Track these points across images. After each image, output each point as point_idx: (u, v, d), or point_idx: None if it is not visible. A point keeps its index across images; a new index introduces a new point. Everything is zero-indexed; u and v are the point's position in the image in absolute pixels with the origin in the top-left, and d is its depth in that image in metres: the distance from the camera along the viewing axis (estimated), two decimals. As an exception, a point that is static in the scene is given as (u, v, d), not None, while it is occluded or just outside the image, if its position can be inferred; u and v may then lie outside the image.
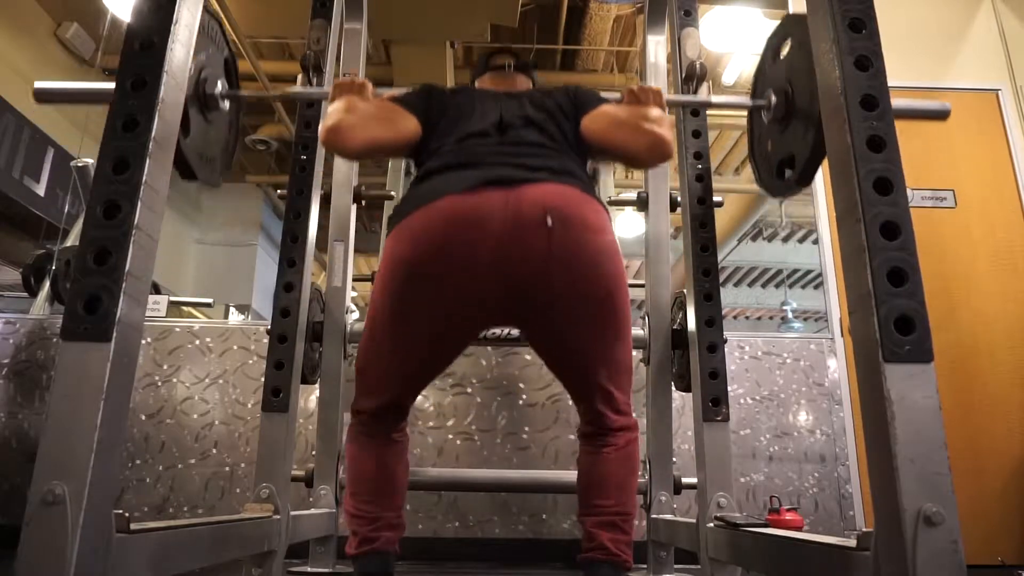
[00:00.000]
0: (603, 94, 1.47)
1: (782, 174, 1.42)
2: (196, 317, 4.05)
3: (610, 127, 1.36)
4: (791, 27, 1.39)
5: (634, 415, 1.37)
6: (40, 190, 4.38)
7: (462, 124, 1.37)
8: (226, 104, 1.38)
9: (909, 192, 0.91)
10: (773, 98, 1.42)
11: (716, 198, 1.81)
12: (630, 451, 1.33)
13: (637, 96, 1.39)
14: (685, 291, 1.81)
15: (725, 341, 1.67)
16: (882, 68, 0.95)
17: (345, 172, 2.27)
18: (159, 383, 2.64)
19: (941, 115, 1.35)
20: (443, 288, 1.21)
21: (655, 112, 1.34)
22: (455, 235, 1.17)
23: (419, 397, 1.75)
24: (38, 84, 1.19)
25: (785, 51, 1.43)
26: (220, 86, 1.34)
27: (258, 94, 1.35)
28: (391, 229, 1.28)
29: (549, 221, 1.16)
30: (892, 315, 0.84)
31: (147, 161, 0.91)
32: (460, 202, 1.19)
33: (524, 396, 2.65)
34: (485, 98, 1.45)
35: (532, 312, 1.27)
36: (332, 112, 1.31)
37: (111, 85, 0.97)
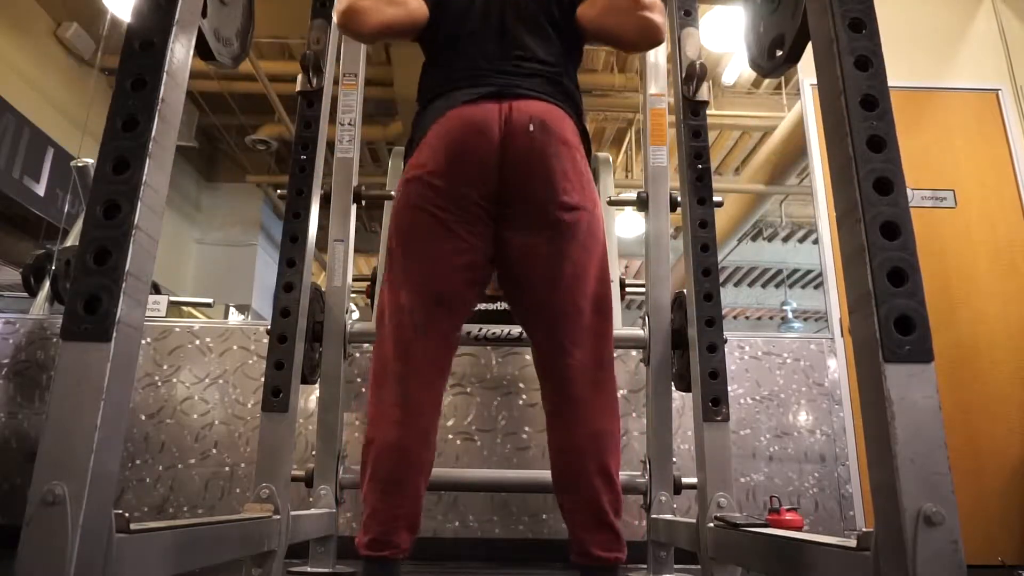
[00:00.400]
0: None
1: (773, 54, 1.42)
2: (196, 317, 4.05)
3: (604, 12, 1.43)
4: None
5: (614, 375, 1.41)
6: (40, 190, 4.38)
7: (467, 17, 1.46)
8: None
9: (909, 192, 0.91)
10: None
11: (716, 198, 1.81)
12: (613, 407, 1.40)
13: None
14: (685, 291, 1.81)
15: (725, 341, 1.67)
16: (882, 68, 0.95)
17: (345, 172, 2.28)
18: (159, 383, 2.64)
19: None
20: (456, 181, 1.33)
21: None
22: (466, 135, 1.33)
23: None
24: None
25: None
26: None
27: None
28: (409, 152, 1.42)
29: (531, 127, 1.33)
30: (892, 315, 0.84)
31: (147, 161, 0.91)
32: (466, 111, 1.35)
33: (524, 396, 2.65)
34: None
35: (512, 217, 1.36)
36: None
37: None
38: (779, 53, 1.40)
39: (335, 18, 1.39)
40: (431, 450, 1.36)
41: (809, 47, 1.09)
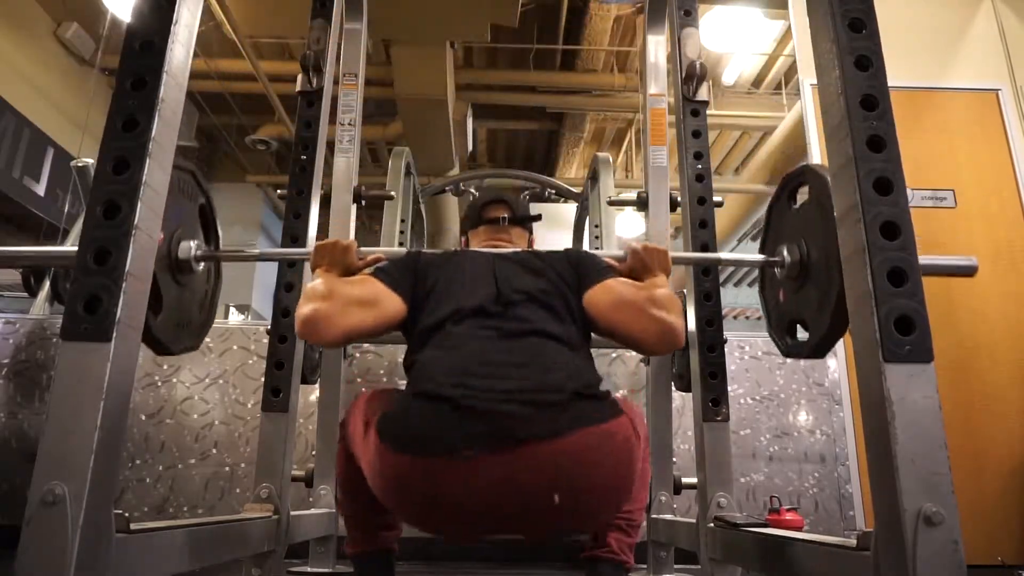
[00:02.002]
0: (606, 258, 1.40)
1: (793, 332, 1.37)
2: (196, 317, 4.05)
3: (616, 309, 1.25)
4: (810, 177, 1.32)
5: (646, 442, 1.35)
6: (40, 190, 4.38)
7: (453, 302, 1.24)
8: (201, 266, 1.32)
9: (909, 192, 0.91)
10: (787, 257, 1.37)
11: (716, 198, 1.81)
12: (644, 468, 1.34)
13: (642, 259, 1.34)
14: (685, 291, 1.81)
15: (725, 341, 1.67)
16: (882, 68, 0.95)
17: (345, 172, 2.27)
18: (159, 383, 2.64)
19: (967, 272, 1.21)
20: (435, 525, 1.13)
21: (661, 291, 1.25)
22: (448, 501, 1.03)
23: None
24: None
25: (801, 201, 1.38)
26: (194, 248, 1.28)
27: (233, 253, 1.24)
28: (378, 438, 1.09)
29: (556, 499, 1.00)
30: (892, 315, 0.84)
31: (147, 161, 0.91)
32: (452, 471, 1.01)
33: (524, 396, 2.65)
34: (477, 265, 1.33)
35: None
36: (308, 296, 1.21)
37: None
38: (797, 334, 1.34)
39: (296, 327, 1.20)
40: None
41: (808, 44, 1.09)
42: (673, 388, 2.10)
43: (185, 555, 1.04)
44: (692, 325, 1.70)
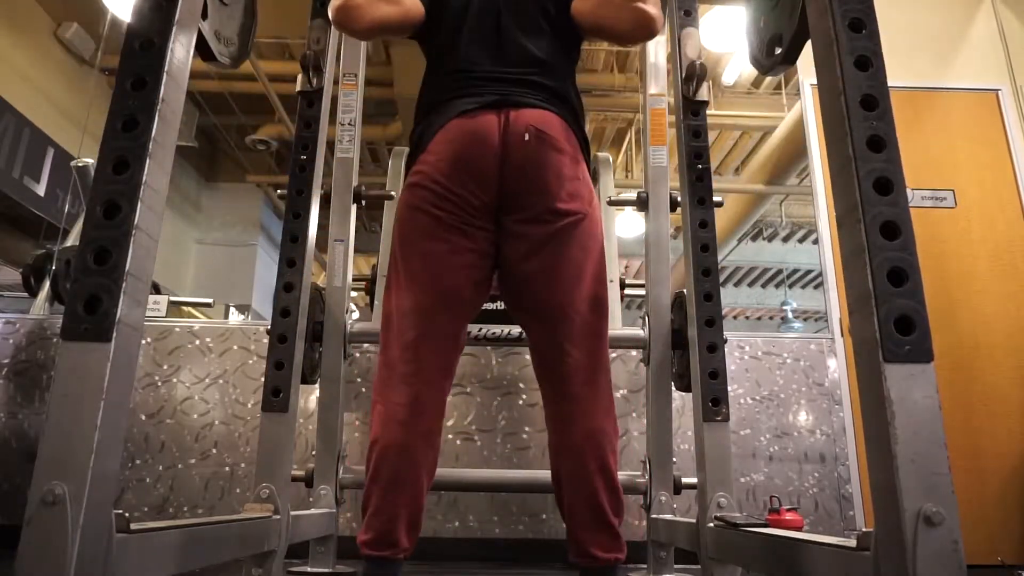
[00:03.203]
0: None
1: (772, 52, 1.41)
2: (196, 317, 4.05)
3: (598, 6, 1.42)
4: None
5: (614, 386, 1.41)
6: (40, 190, 4.38)
7: (463, 14, 1.46)
8: None
9: (909, 192, 0.91)
10: None
11: (716, 198, 1.81)
12: (606, 388, 1.41)
13: None
14: (685, 291, 1.81)
15: (725, 341, 1.67)
16: (882, 68, 0.95)
17: (345, 172, 2.28)
18: (159, 383, 2.64)
19: None
20: (458, 186, 1.35)
21: None
22: (468, 144, 1.36)
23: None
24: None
25: None
26: None
27: None
28: (411, 161, 1.43)
29: (527, 136, 1.35)
30: (892, 315, 0.84)
31: (147, 161, 0.91)
32: (467, 123, 1.37)
33: (524, 396, 2.65)
34: None
35: (511, 220, 1.38)
36: None
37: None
38: (778, 51, 1.40)
39: (330, 15, 1.40)
40: (435, 450, 1.36)
41: (809, 47, 1.09)
42: (673, 388, 2.10)
43: (185, 555, 1.04)
44: (692, 325, 1.70)
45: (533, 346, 1.46)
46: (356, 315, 2.26)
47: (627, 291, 2.85)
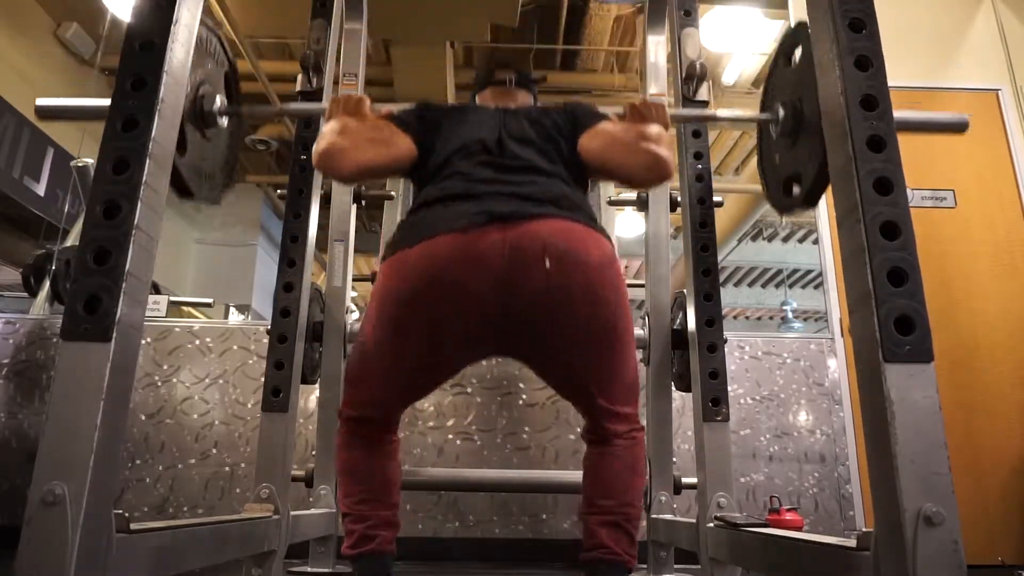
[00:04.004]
0: (606, 110, 1.44)
1: (789, 190, 1.38)
2: (196, 317, 4.05)
3: (607, 146, 1.33)
4: (802, 36, 1.34)
5: (641, 420, 1.36)
6: (40, 190, 4.38)
7: (458, 141, 1.34)
8: (225, 120, 1.36)
9: (909, 192, 0.91)
10: (781, 112, 1.38)
11: (716, 198, 1.81)
12: (636, 453, 1.33)
13: (639, 111, 1.35)
14: (685, 291, 1.81)
15: (725, 341, 1.67)
16: (882, 68, 0.95)
17: (345, 172, 2.27)
18: (159, 383, 2.64)
19: (957, 127, 1.31)
20: (438, 325, 1.21)
21: (654, 129, 1.29)
22: (455, 272, 1.16)
23: (419, 397, 1.74)
24: (40, 101, 1.17)
25: (796, 60, 1.39)
26: (219, 102, 1.31)
27: (257, 109, 1.30)
28: (385, 258, 1.26)
29: (547, 263, 1.14)
30: (892, 315, 0.84)
31: (147, 161, 0.91)
32: (458, 241, 1.16)
33: (524, 396, 2.65)
34: (482, 114, 1.43)
35: (529, 348, 1.29)
36: (325, 134, 1.29)
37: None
38: (795, 190, 1.35)
39: (313, 160, 1.29)
40: (395, 450, 1.37)
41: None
42: (673, 388, 2.10)
43: (185, 555, 1.04)
44: (692, 325, 1.70)
45: (559, 392, 1.41)
46: (356, 315, 2.26)
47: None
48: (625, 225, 5.53)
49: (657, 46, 2.28)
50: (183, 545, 1.04)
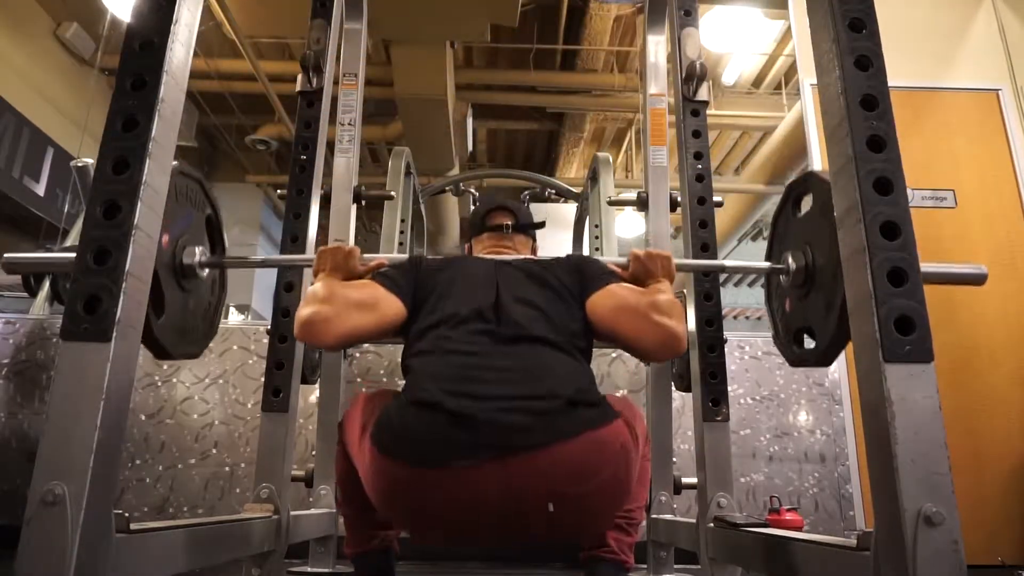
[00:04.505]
0: (609, 264, 1.39)
1: (800, 341, 1.35)
2: (196, 317, 4.04)
3: (618, 314, 1.25)
4: (813, 184, 1.33)
5: (646, 440, 1.35)
6: (40, 190, 4.38)
7: (452, 306, 1.24)
8: (206, 272, 1.31)
9: (909, 192, 0.91)
10: (792, 264, 1.35)
11: (716, 198, 1.81)
12: (643, 467, 1.35)
13: (644, 264, 1.33)
14: (685, 291, 1.81)
15: (725, 341, 1.67)
16: (882, 68, 0.95)
17: (345, 172, 2.27)
18: (159, 383, 2.64)
19: (977, 280, 1.25)
20: (429, 533, 1.15)
21: (663, 298, 1.24)
22: (445, 515, 1.06)
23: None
24: (7, 256, 1.12)
25: (804, 209, 1.37)
26: (199, 254, 1.26)
27: (239, 263, 1.23)
28: (373, 439, 1.10)
29: (551, 507, 1.02)
30: (892, 315, 0.84)
31: (147, 161, 0.91)
32: (448, 479, 1.01)
33: (524, 396, 2.65)
34: (478, 269, 1.34)
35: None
36: (309, 299, 1.22)
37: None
38: (805, 342, 1.32)
39: (295, 331, 1.21)
40: None
41: (808, 44, 1.09)
42: (673, 388, 2.10)
43: (185, 555, 1.04)
44: (692, 325, 1.70)
45: None
46: (356, 315, 2.26)
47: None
48: (625, 225, 5.54)
49: (657, 46, 2.28)
50: (183, 545, 1.04)
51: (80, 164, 3.09)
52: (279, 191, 1.97)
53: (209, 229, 1.37)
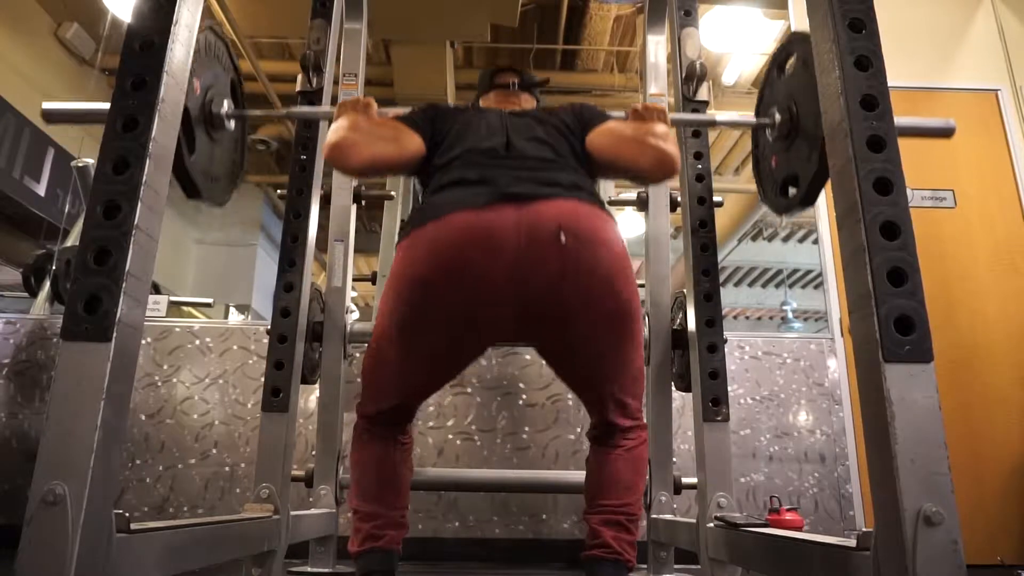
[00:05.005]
0: (609, 112, 1.47)
1: (786, 192, 1.42)
2: (196, 317, 4.05)
3: (616, 142, 1.36)
4: (796, 44, 1.39)
5: (644, 419, 1.37)
6: (40, 190, 4.38)
7: (467, 142, 1.35)
8: (232, 124, 1.39)
9: (909, 192, 0.91)
10: (777, 117, 1.42)
11: (716, 198, 1.81)
12: (639, 453, 1.35)
13: (641, 114, 1.39)
14: (685, 291, 1.81)
15: (725, 341, 1.67)
16: (882, 68, 0.95)
17: (345, 172, 2.27)
18: (159, 383, 2.64)
19: (945, 133, 1.33)
20: (455, 306, 1.21)
21: (660, 128, 1.33)
22: (469, 252, 1.17)
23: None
24: (46, 105, 1.19)
25: (790, 68, 1.43)
26: (226, 106, 1.34)
27: (264, 112, 1.32)
28: (401, 240, 1.27)
29: (563, 238, 1.16)
30: (892, 315, 0.84)
31: (147, 161, 0.91)
32: (474, 218, 1.18)
33: (524, 396, 2.65)
34: (490, 116, 1.44)
35: (545, 329, 1.28)
36: (335, 129, 1.31)
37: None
38: (792, 192, 1.39)
39: (324, 152, 1.31)
40: (408, 450, 1.39)
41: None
42: (673, 388, 2.10)
43: (185, 555, 1.04)
44: (692, 325, 1.70)
45: (573, 389, 1.43)
46: (356, 315, 2.26)
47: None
48: (625, 225, 5.54)
49: (657, 46, 2.28)
50: (183, 545, 1.04)
51: (80, 164, 3.09)
52: (279, 191, 1.98)
53: (233, 91, 1.44)
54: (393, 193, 2.61)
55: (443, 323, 1.23)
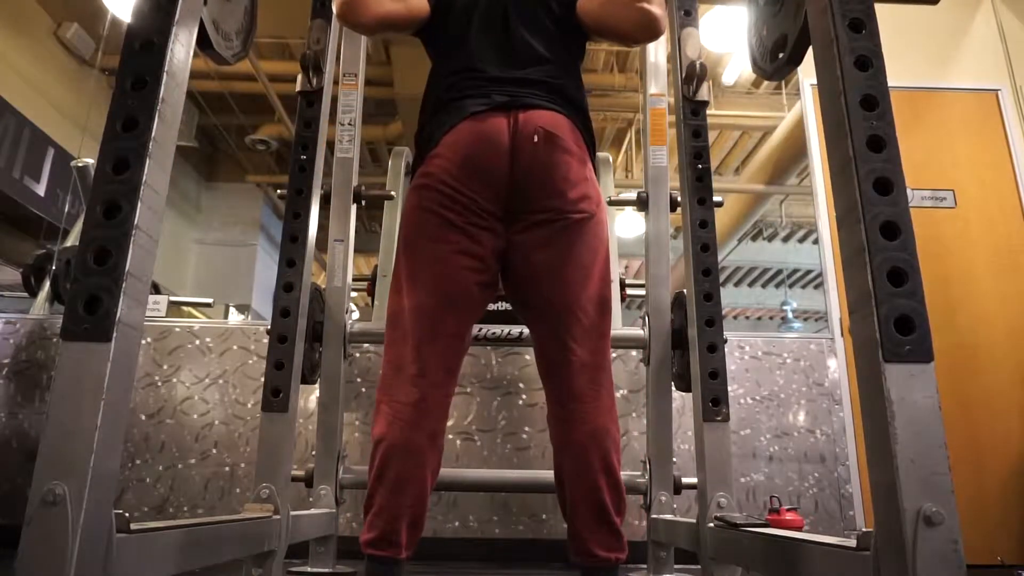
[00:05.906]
0: None
1: (775, 56, 1.44)
2: (196, 317, 4.05)
3: (602, 6, 1.45)
4: None
5: (616, 391, 1.40)
6: (40, 190, 4.38)
7: (466, 22, 1.48)
8: None
9: (909, 192, 0.91)
10: None
11: (716, 198, 1.81)
12: (612, 416, 1.39)
13: None
14: (685, 291, 1.81)
15: (725, 341, 1.67)
16: (882, 68, 0.95)
17: (345, 172, 2.27)
18: (159, 383, 2.64)
19: None
20: (467, 187, 1.36)
21: None
22: (478, 146, 1.36)
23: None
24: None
25: None
26: None
27: None
28: (418, 161, 1.44)
29: (535, 138, 1.36)
30: (892, 315, 0.84)
31: (147, 161, 0.91)
32: (477, 125, 1.38)
33: (524, 396, 2.65)
34: None
35: (519, 220, 1.38)
36: None
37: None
38: (781, 55, 1.40)
39: (334, 9, 1.41)
40: (439, 451, 1.35)
41: (809, 48, 1.10)
42: (673, 388, 2.10)
43: (185, 555, 1.04)
44: (692, 325, 1.70)
45: (538, 345, 1.46)
46: (356, 315, 2.26)
47: (627, 291, 2.85)
48: (625, 225, 5.53)
49: (657, 46, 2.29)
50: (183, 545, 1.04)
51: (80, 164, 3.09)
52: (279, 191, 1.98)
53: None
54: (393, 193, 2.61)
55: (455, 211, 1.36)
